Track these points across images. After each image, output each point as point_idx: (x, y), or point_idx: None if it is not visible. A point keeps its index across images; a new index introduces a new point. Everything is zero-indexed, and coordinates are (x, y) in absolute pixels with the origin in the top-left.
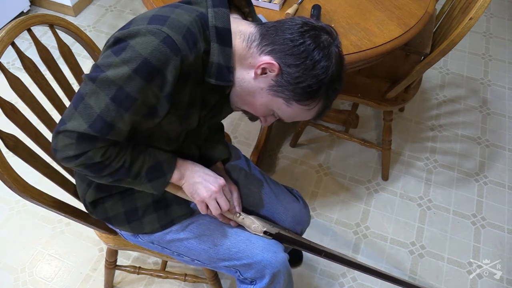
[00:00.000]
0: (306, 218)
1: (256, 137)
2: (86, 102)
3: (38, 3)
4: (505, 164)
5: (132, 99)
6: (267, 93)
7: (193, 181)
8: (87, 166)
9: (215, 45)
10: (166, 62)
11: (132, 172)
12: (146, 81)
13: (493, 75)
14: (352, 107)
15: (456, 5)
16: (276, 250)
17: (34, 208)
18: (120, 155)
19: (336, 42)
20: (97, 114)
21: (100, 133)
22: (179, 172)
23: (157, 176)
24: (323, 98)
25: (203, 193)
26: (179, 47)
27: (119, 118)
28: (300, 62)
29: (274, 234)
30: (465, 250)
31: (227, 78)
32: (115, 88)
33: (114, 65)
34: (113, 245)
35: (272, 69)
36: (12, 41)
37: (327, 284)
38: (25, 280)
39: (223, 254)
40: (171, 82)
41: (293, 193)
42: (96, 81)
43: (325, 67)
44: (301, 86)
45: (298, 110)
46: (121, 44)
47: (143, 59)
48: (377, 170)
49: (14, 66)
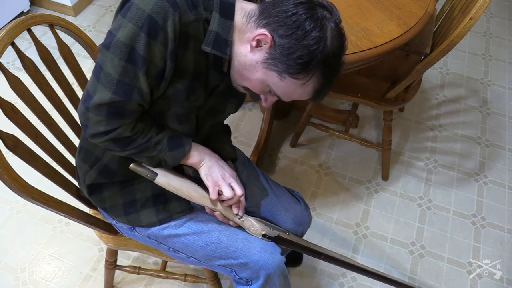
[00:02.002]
0: (307, 220)
1: (256, 137)
2: (105, 71)
3: (38, 3)
4: (505, 164)
5: (142, 58)
6: (261, 66)
7: (211, 164)
8: (115, 141)
9: (217, 15)
10: (165, 17)
11: (152, 142)
12: (151, 37)
13: (493, 75)
14: (352, 107)
15: (456, 5)
16: (273, 251)
17: (34, 208)
18: (145, 130)
19: (335, 18)
20: (117, 79)
21: (125, 97)
22: (199, 155)
23: (176, 146)
24: (318, 74)
25: (219, 175)
26: (178, 3)
27: (137, 79)
28: (291, 32)
29: (273, 238)
30: (465, 250)
31: (223, 49)
32: (127, 50)
33: (123, 25)
34: (113, 245)
35: (266, 41)
36: (12, 41)
37: (327, 284)
38: (25, 280)
39: (220, 252)
40: (172, 38)
41: (294, 194)
42: (110, 47)
43: (317, 38)
44: (292, 58)
45: (291, 85)
46: (127, 5)
47: (146, 15)
48: (377, 170)
49: (14, 66)
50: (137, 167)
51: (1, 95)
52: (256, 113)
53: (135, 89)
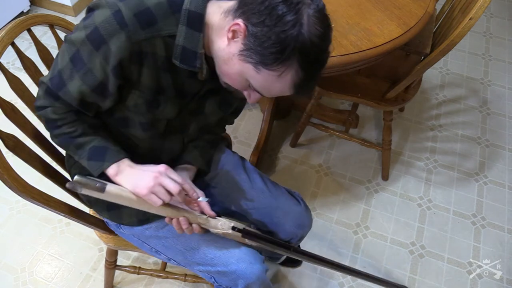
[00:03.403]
0: (307, 222)
1: (256, 137)
2: (57, 58)
3: (38, 3)
4: (505, 164)
5: (82, 63)
6: (238, 58)
7: (130, 176)
8: (46, 120)
9: (183, 27)
10: (111, 34)
11: (76, 142)
12: (94, 47)
13: (493, 75)
14: (352, 107)
15: (456, 5)
16: (253, 261)
17: (34, 208)
18: (74, 123)
19: (315, 6)
20: (58, 69)
21: (54, 88)
22: (117, 167)
23: (96, 158)
24: (296, 65)
25: (146, 181)
26: (127, 22)
27: (71, 79)
28: (263, 19)
29: (242, 230)
30: (465, 250)
31: (191, 62)
32: (74, 50)
33: (78, 28)
34: (113, 245)
35: (240, 31)
36: (12, 41)
37: (327, 284)
38: (25, 280)
39: (198, 258)
40: (115, 54)
41: (294, 195)
42: (66, 40)
43: (290, 23)
44: (265, 47)
45: (268, 77)
46: (90, 13)
47: (94, 26)
48: (377, 170)
49: (14, 66)
50: (83, 178)
51: (1, 95)
52: (256, 113)
53: (65, 87)
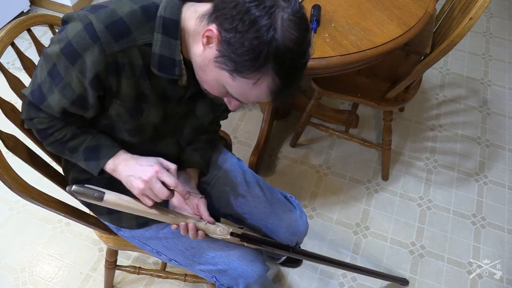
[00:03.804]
0: (301, 229)
1: (256, 137)
2: (36, 71)
3: (38, 3)
4: (505, 164)
5: (60, 77)
6: (213, 65)
7: (125, 174)
8: (37, 131)
9: (159, 35)
10: (84, 48)
11: (68, 146)
12: (69, 62)
13: (493, 75)
14: (352, 107)
15: (456, 5)
16: (254, 259)
17: (34, 208)
18: (63, 128)
19: (291, 7)
20: (38, 83)
21: (36, 101)
22: (113, 163)
23: (92, 158)
24: (271, 72)
25: (137, 185)
26: (99, 35)
27: (51, 92)
28: (235, 25)
29: (241, 235)
30: (465, 250)
31: (170, 70)
32: (51, 64)
33: (53, 42)
34: (113, 245)
35: (214, 37)
36: (12, 41)
37: (327, 284)
38: (25, 280)
39: (200, 257)
40: (90, 67)
41: (290, 201)
42: (43, 54)
43: (263, 28)
44: (238, 53)
45: (243, 85)
46: (63, 25)
47: (67, 40)
48: (377, 170)
49: (14, 66)
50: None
51: (1, 95)
52: (256, 113)
53: (46, 100)
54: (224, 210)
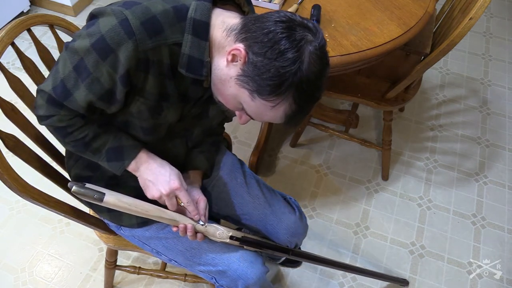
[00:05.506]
0: (301, 230)
1: (256, 137)
2: (57, 66)
3: (38, 3)
4: (505, 164)
5: (88, 72)
6: (234, 82)
7: (145, 178)
8: (54, 129)
9: (189, 36)
10: (119, 43)
11: (91, 147)
12: (100, 57)
13: (493, 75)
14: (352, 107)
15: (456, 5)
16: (254, 261)
17: (34, 208)
18: (84, 127)
19: (317, 43)
20: (61, 79)
21: (59, 97)
22: (136, 164)
23: (115, 159)
24: (290, 99)
25: (153, 193)
26: (134, 31)
27: (76, 88)
28: (265, 51)
29: (241, 238)
30: (465, 250)
31: (198, 71)
32: (78, 58)
33: (81, 36)
34: (113, 245)
35: (240, 57)
36: (12, 41)
37: (327, 284)
38: (25, 280)
39: (200, 258)
40: (123, 63)
41: (290, 202)
42: (67, 48)
43: (291, 60)
44: (263, 78)
45: (261, 106)
46: (93, 20)
47: (100, 35)
48: (377, 170)
49: (14, 66)
50: (81, 189)
51: (1, 95)
52: None
53: (71, 96)
54: (224, 211)
